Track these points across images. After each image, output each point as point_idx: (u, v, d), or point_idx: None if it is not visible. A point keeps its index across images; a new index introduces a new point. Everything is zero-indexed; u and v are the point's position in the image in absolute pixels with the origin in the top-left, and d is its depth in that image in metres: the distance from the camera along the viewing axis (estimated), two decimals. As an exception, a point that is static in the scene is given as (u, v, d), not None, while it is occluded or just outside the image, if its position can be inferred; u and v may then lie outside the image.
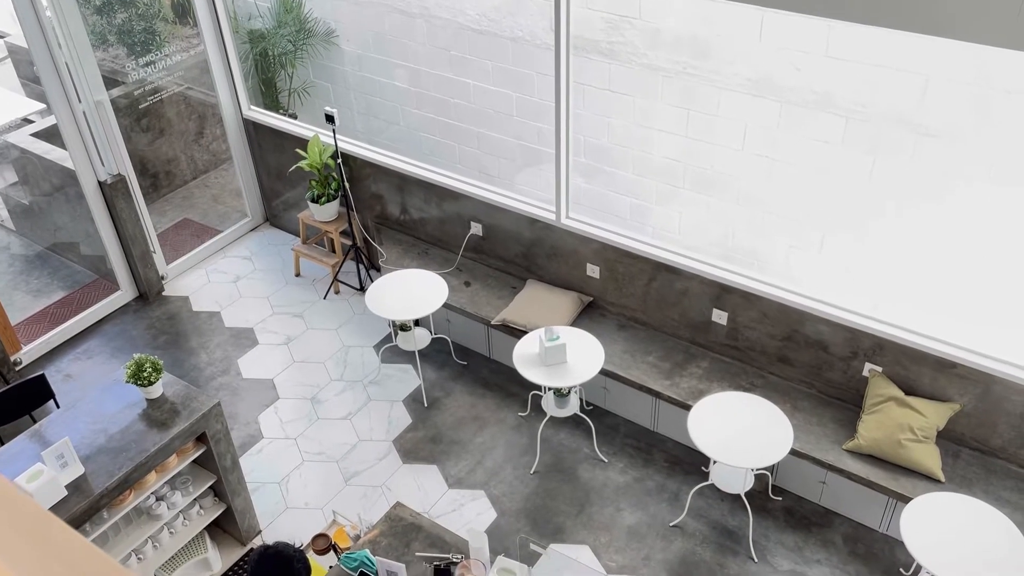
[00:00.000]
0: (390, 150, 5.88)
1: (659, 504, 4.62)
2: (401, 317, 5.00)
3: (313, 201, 6.02)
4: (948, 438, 4.27)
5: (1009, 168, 3.74)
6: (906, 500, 3.93)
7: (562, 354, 4.59)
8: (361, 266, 6.12)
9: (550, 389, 4.72)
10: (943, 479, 4.10)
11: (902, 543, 3.64)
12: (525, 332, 4.98)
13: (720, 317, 4.82)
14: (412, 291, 5.14)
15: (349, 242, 6.11)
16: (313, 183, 6.03)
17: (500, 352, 5.50)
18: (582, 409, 4.94)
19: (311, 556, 3.82)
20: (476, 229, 5.61)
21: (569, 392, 4.72)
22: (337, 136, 5.66)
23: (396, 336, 5.30)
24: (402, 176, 5.79)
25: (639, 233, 5.01)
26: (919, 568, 4.02)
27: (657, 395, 4.79)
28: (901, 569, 4.22)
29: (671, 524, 4.51)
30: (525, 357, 4.67)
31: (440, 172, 5.64)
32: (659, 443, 4.97)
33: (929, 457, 4.11)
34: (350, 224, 5.99)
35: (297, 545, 3.08)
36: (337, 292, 6.23)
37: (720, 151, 4.59)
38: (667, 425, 4.95)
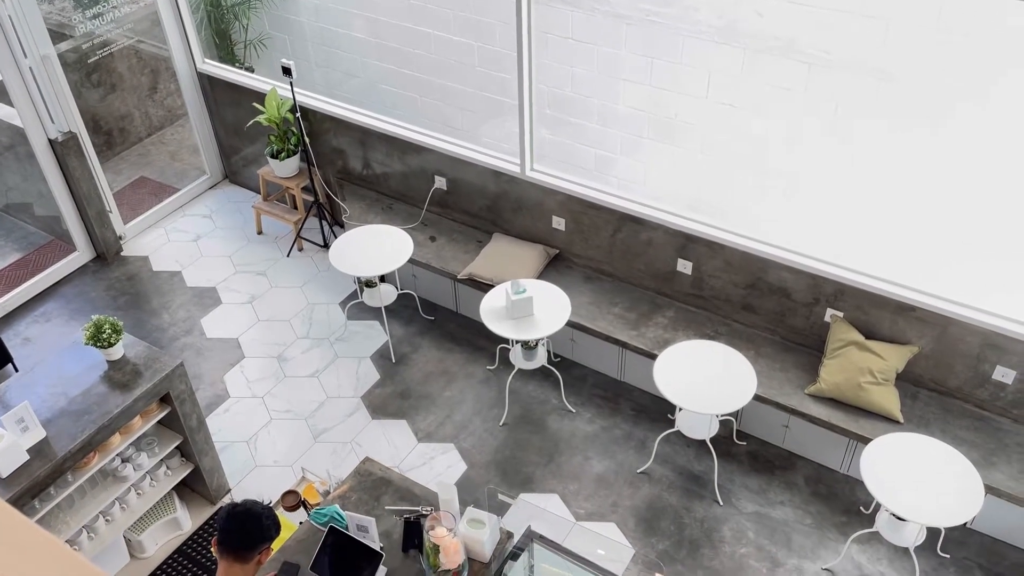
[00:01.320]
0: (350, 103, 5.76)
1: (626, 452, 4.69)
2: (366, 273, 4.95)
3: (273, 157, 5.90)
4: (907, 380, 4.36)
5: (965, 112, 3.76)
6: (866, 441, 4.02)
7: (529, 307, 4.59)
8: (324, 222, 6.03)
9: (517, 342, 4.73)
10: (902, 420, 4.20)
11: (862, 483, 3.74)
12: (492, 286, 4.96)
13: (685, 267, 4.84)
14: (377, 247, 5.09)
15: (311, 198, 6.01)
16: (272, 138, 5.90)
17: (467, 306, 5.49)
18: (550, 361, 4.97)
19: (280, 513, 3.83)
20: (440, 183, 5.55)
21: (536, 344, 4.73)
22: (295, 89, 5.53)
23: (362, 292, 5.26)
24: (363, 130, 5.69)
25: (604, 184, 4.99)
26: (878, 506, 4.14)
27: (624, 345, 4.83)
28: (861, 507, 4.34)
29: (638, 471, 4.59)
30: (492, 311, 4.67)
31: (402, 125, 5.55)
32: (626, 392, 5.02)
33: (888, 399, 4.21)
34: (311, 180, 5.89)
35: (266, 502, 3.08)
36: (300, 249, 6.15)
37: (684, 100, 4.56)
38: (634, 374, 5.00)
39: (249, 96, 6.06)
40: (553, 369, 4.95)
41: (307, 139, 5.79)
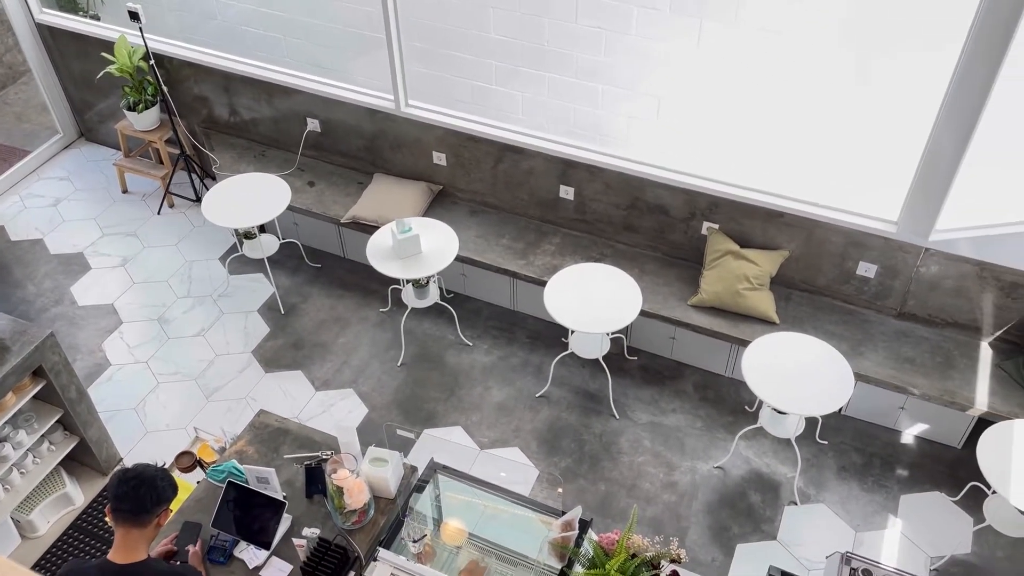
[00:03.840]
0: (209, 47, 5.46)
1: (524, 378, 4.78)
2: (243, 225, 4.79)
3: (130, 109, 5.55)
4: (780, 283, 4.60)
5: (821, 23, 3.91)
6: (746, 344, 4.23)
7: (416, 245, 4.56)
8: (194, 175, 5.76)
9: (408, 281, 4.71)
10: (778, 321, 4.45)
11: (745, 383, 3.95)
12: (377, 227, 4.89)
13: (567, 192, 4.90)
14: (252, 196, 4.91)
15: (177, 151, 5.72)
16: (127, 90, 5.55)
17: (354, 250, 5.40)
18: (442, 297, 4.97)
19: (176, 475, 3.73)
20: (313, 125, 5.38)
21: (428, 282, 4.72)
22: (146, 35, 5.19)
23: (241, 245, 5.08)
24: (226, 75, 5.42)
25: (482, 116, 4.95)
26: (761, 403, 4.40)
27: (514, 275, 4.88)
28: (746, 406, 4.60)
29: (537, 395, 4.70)
30: (379, 252, 4.61)
31: (268, 67, 5.31)
32: (520, 321, 5.10)
33: (764, 302, 4.44)
34: (175, 131, 5.58)
35: (159, 464, 2.98)
36: (171, 206, 5.87)
37: (554, 25, 4.54)
38: (526, 303, 5.07)
39: (97, 46, 5.65)
40: (447, 305, 4.96)
41: (165, 88, 5.47)
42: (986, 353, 4.29)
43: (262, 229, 5.11)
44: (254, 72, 5.30)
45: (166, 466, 3.67)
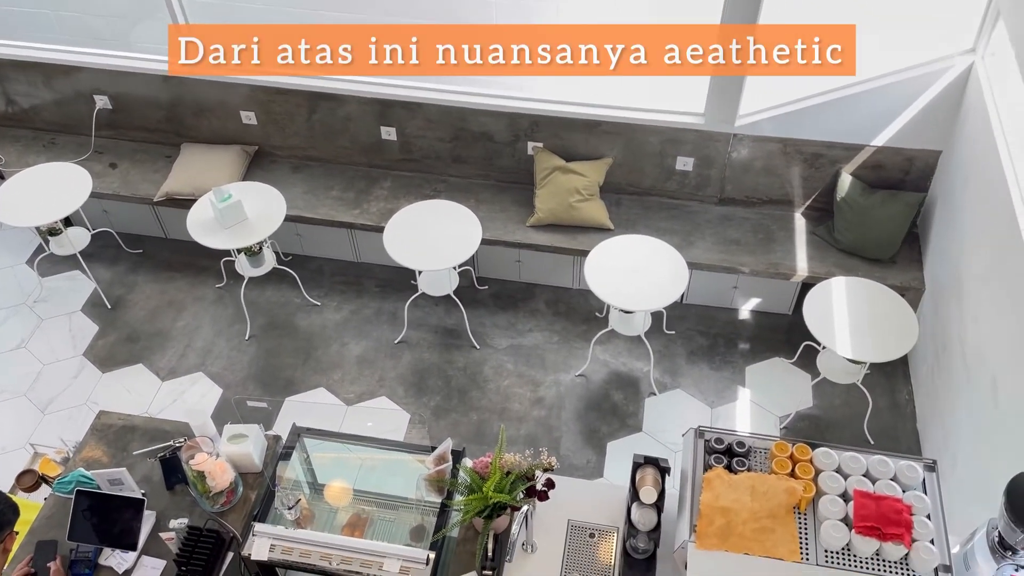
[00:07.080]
0: (-36, 33, 4.90)
1: (380, 328, 4.74)
2: (44, 221, 4.41)
3: None
4: (609, 190, 4.74)
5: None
6: (586, 254, 4.35)
7: (239, 212, 4.36)
8: (-23, 177, 5.21)
9: (240, 251, 4.50)
10: (612, 226, 4.60)
11: (592, 291, 4.07)
12: (194, 200, 4.63)
13: (389, 133, 4.81)
14: (49, 189, 4.53)
15: (-49, 153, 5.15)
16: None
17: (175, 228, 5.09)
18: (280, 262, 4.80)
19: (20, 496, 3.48)
20: (103, 102, 4.97)
21: (260, 248, 4.53)
22: None
23: (48, 243, 4.68)
24: (-10, 60, 4.89)
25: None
26: (608, 307, 4.56)
27: (350, 226, 4.77)
28: (596, 313, 4.77)
29: (396, 342, 4.67)
30: (202, 225, 4.38)
31: (38, 47, 4.84)
32: (366, 272, 5.01)
33: (597, 211, 4.57)
34: (-56, 132, 5.02)
35: (-4, 490, 2.75)
36: (-42, 214, 5.30)
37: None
38: (368, 252, 4.99)
39: None
40: (286, 268, 4.80)
41: (-79, 85, 4.88)
42: (800, 223, 4.63)
43: (68, 223, 4.72)
44: (23, 54, 4.82)
45: (9, 489, 3.41)
